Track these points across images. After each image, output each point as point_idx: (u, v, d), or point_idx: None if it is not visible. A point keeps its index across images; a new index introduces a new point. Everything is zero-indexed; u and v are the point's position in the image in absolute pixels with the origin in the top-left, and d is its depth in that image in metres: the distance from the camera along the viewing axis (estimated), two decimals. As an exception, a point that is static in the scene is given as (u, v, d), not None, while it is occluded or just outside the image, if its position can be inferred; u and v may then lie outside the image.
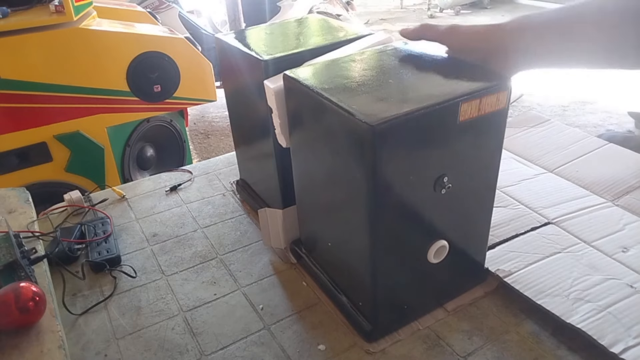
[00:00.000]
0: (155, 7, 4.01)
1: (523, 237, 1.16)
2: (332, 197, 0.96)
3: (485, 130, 0.88)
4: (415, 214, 0.89)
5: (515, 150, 1.55)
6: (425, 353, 0.94)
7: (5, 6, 2.18)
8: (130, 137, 2.62)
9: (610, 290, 0.99)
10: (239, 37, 1.22)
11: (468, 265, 1.06)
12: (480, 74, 0.89)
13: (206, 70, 2.71)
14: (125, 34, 2.42)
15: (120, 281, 1.16)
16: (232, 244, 1.28)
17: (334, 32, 1.20)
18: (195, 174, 1.61)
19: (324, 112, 0.85)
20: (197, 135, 3.90)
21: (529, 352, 0.92)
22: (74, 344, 0.99)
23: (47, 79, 2.18)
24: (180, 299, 1.10)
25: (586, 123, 3.04)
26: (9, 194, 1.21)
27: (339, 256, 1.02)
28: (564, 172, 1.42)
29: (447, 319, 1.01)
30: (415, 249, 0.93)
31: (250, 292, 1.11)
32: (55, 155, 2.30)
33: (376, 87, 0.86)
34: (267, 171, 1.20)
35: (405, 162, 0.81)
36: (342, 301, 1.04)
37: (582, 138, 1.57)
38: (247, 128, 1.31)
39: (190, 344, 0.99)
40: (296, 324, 1.02)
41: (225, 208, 1.43)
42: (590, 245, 1.13)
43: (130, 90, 2.43)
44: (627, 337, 0.88)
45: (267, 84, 0.97)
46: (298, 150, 1.02)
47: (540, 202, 1.28)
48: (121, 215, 1.42)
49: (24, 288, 0.80)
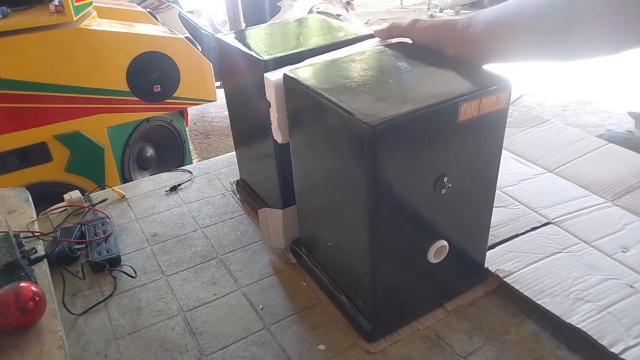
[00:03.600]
0: (155, 7, 4.01)
1: (523, 237, 1.16)
2: (332, 197, 0.96)
3: (485, 130, 0.88)
4: (415, 214, 0.89)
5: (515, 150, 1.55)
6: (425, 353, 0.94)
7: (5, 6, 2.18)
8: (130, 137, 2.61)
9: (610, 290, 0.99)
10: (239, 37, 1.22)
11: (468, 265, 1.06)
12: (480, 74, 0.89)
13: (206, 70, 2.71)
14: (125, 34, 2.42)
15: (120, 281, 1.16)
16: (232, 244, 1.28)
17: (334, 32, 1.20)
18: (195, 174, 1.61)
19: (324, 112, 0.85)
20: (197, 135, 3.90)
21: (529, 352, 0.92)
22: (74, 344, 0.99)
23: (47, 79, 2.18)
24: (180, 299, 1.10)
25: (586, 123, 3.04)
26: (9, 194, 1.21)
27: (339, 256, 1.02)
28: (564, 172, 1.42)
29: (447, 319, 1.01)
30: (415, 249, 0.93)
31: (250, 292, 1.11)
32: (55, 155, 2.29)
33: (376, 87, 0.86)
34: (267, 171, 1.20)
35: (405, 162, 0.81)
36: (342, 301, 1.04)
37: (582, 138, 1.57)
38: (247, 128, 1.31)
39: (190, 344, 0.99)
40: (296, 324, 1.02)
41: (225, 208, 1.43)
42: (590, 245, 1.13)
43: (130, 90, 2.42)
44: (627, 337, 0.88)
45: (267, 77, 0.97)
46: (298, 150, 1.02)
47: (540, 202, 1.28)
48: (121, 215, 1.42)
49: (24, 288, 0.80)
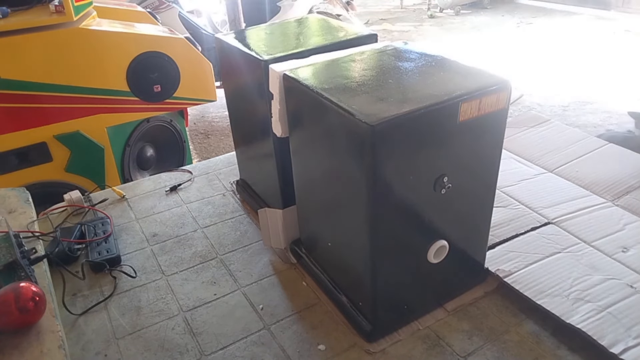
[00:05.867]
0: (155, 7, 4.00)
1: (523, 237, 1.16)
2: (332, 197, 0.96)
3: (485, 130, 0.88)
4: (415, 214, 0.89)
5: (515, 150, 1.55)
6: (425, 353, 0.94)
7: (5, 6, 2.17)
8: (130, 137, 2.61)
9: (610, 290, 1.00)
10: (239, 37, 1.22)
11: (468, 265, 1.06)
12: (480, 74, 0.89)
13: (206, 70, 2.70)
14: (125, 34, 2.41)
15: (120, 281, 1.16)
16: (232, 244, 1.28)
17: (334, 32, 1.20)
18: (195, 174, 1.61)
19: (323, 112, 0.85)
20: (197, 135, 3.89)
21: (529, 352, 0.92)
22: (74, 344, 0.99)
23: (47, 79, 2.17)
24: (180, 299, 1.10)
25: (586, 123, 3.04)
26: (9, 194, 1.21)
27: (339, 256, 1.02)
28: (564, 172, 1.42)
29: (447, 319, 1.01)
30: (415, 249, 0.93)
31: (250, 292, 1.11)
32: (55, 155, 2.29)
33: (376, 87, 0.86)
34: (267, 171, 1.20)
35: (405, 162, 0.81)
36: (342, 301, 1.04)
37: (582, 138, 1.57)
38: (247, 128, 1.31)
39: (190, 344, 0.99)
40: (296, 324, 1.02)
41: (225, 208, 1.43)
42: (590, 245, 1.13)
43: (130, 90, 2.42)
44: (627, 338, 0.88)
45: (273, 68, 0.97)
46: (298, 150, 1.02)
47: (540, 202, 1.28)
48: (121, 215, 1.42)
49: (24, 288, 0.80)
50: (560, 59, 4.32)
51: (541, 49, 4.61)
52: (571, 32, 5.11)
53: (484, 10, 6.58)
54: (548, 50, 4.57)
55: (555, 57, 4.38)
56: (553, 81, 3.76)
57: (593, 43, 4.66)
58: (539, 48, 4.65)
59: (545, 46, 4.70)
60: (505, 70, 3.05)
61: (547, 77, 3.79)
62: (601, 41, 4.70)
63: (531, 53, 4.52)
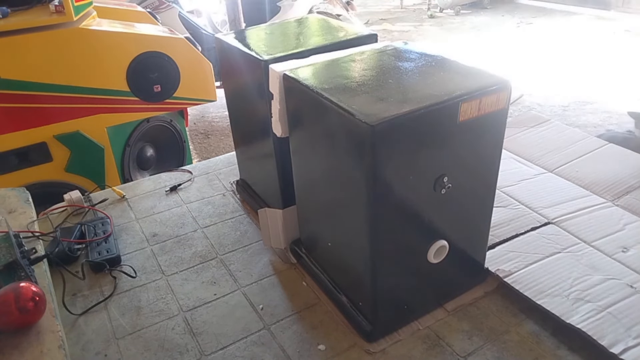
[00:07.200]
0: (155, 7, 4.00)
1: (523, 237, 1.16)
2: (332, 197, 0.96)
3: (485, 130, 0.88)
4: (415, 214, 0.89)
5: (515, 150, 1.55)
6: (425, 353, 0.94)
7: (5, 6, 2.17)
8: (130, 137, 2.61)
9: (610, 290, 1.00)
10: (239, 37, 1.22)
11: (468, 265, 1.06)
12: (480, 74, 0.89)
13: (206, 70, 2.70)
14: (125, 34, 2.41)
15: (120, 281, 1.16)
16: (232, 244, 1.28)
17: (334, 32, 1.20)
18: (195, 174, 1.61)
19: (323, 112, 0.85)
20: (197, 135, 3.89)
21: (529, 352, 0.92)
22: (74, 344, 0.99)
23: (47, 79, 2.17)
24: (180, 299, 1.10)
25: (586, 123, 3.04)
26: (9, 194, 1.21)
27: (339, 256, 1.02)
28: (564, 172, 1.42)
29: (447, 319, 1.01)
30: (415, 249, 0.93)
31: (250, 292, 1.11)
32: (55, 155, 2.29)
33: (376, 87, 0.86)
34: (267, 171, 1.20)
35: (405, 162, 0.81)
36: (342, 301, 1.04)
37: (582, 138, 1.57)
38: (247, 128, 1.31)
39: (190, 344, 0.99)
40: (296, 324, 1.02)
41: (225, 208, 1.43)
42: (590, 245, 1.13)
43: (130, 90, 2.42)
44: (627, 338, 0.88)
45: (273, 68, 0.97)
46: (298, 150, 1.02)
47: (540, 202, 1.28)
48: (121, 215, 1.42)
49: (24, 288, 0.80)
50: (560, 59, 4.32)
51: (541, 49, 4.61)
52: (571, 32, 5.11)
53: (484, 10, 6.58)
54: (548, 50, 4.57)
55: (555, 57, 4.38)
56: (553, 81, 3.76)
57: (593, 43, 4.66)
58: (539, 48, 4.65)
59: (545, 46, 4.70)
60: (505, 70, 3.06)
61: (547, 77, 3.79)
62: (601, 41, 4.70)
63: (531, 53, 4.52)
